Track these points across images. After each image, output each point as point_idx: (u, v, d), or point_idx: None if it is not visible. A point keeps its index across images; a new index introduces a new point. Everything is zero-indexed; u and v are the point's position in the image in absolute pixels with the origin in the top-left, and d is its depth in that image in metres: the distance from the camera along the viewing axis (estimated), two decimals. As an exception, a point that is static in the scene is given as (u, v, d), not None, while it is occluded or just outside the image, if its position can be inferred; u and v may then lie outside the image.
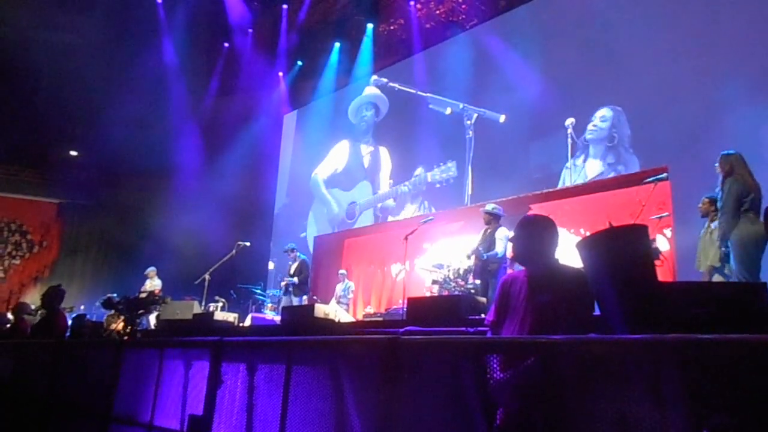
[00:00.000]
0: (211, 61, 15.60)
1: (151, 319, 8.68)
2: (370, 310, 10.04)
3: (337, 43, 14.05)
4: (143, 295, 7.17)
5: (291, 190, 15.06)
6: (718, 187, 5.28)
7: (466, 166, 10.38)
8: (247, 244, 10.03)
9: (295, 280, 9.37)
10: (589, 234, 2.41)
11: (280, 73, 15.34)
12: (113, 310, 6.02)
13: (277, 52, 14.87)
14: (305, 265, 9.78)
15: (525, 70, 9.65)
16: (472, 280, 6.73)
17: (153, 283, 10.66)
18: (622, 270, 2.13)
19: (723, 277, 5.28)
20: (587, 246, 2.29)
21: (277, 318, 8.73)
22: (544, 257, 2.60)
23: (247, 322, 8.81)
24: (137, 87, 13.85)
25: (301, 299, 9.41)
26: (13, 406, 4.72)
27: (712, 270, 5.39)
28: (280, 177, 15.41)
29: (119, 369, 3.81)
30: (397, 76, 12.56)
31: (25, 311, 7.32)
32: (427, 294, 7.29)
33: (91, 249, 16.76)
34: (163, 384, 3.44)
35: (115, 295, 6.54)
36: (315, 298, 10.27)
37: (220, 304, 9.86)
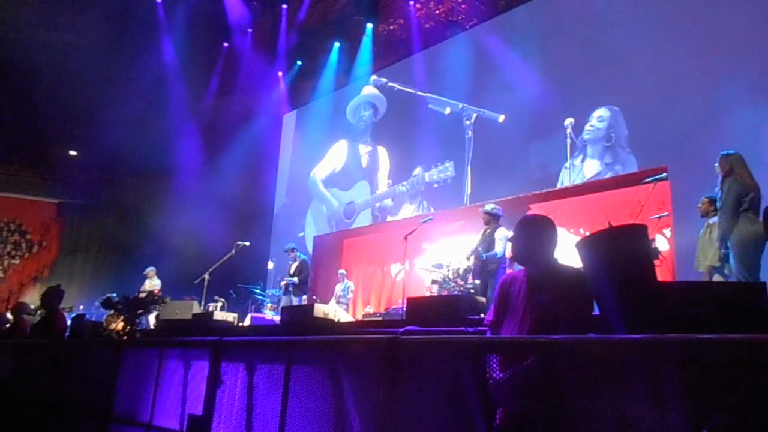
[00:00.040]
0: (211, 61, 15.59)
1: (151, 319, 8.67)
2: (370, 309, 10.04)
3: (337, 43, 14.05)
4: (142, 295, 7.17)
5: (290, 189, 15.06)
6: (717, 186, 5.29)
7: (466, 166, 10.37)
8: (247, 243, 10.02)
9: (295, 279, 9.38)
10: (588, 234, 2.41)
11: (280, 72, 15.34)
12: (113, 310, 6.02)
13: (276, 51, 14.86)
14: (305, 265, 9.79)
15: (524, 70, 9.65)
16: (471, 280, 6.73)
17: (152, 283, 10.65)
18: (622, 270, 2.13)
19: (723, 277, 5.29)
20: (587, 246, 2.29)
21: (277, 318, 8.72)
22: (543, 257, 2.60)
23: (246, 321, 8.81)
24: (137, 87, 13.84)
25: (301, 299, 9.41)
26: (13, 406, 4.72)
27: (711, 270, 5.40)
28: (280, 177, 15.41)
29: (119, 369, 3.81)
30: (397, 76, 12.55)
31: (24, 311, 7.32)
32: (427, 294, 7.28)
33: (90, 249, 16.76)
34: (162, 384, 3.44)
35: (114, 295, 6.54)
36: (314, 297, 10.27)
37: (220, 304, 9.85)
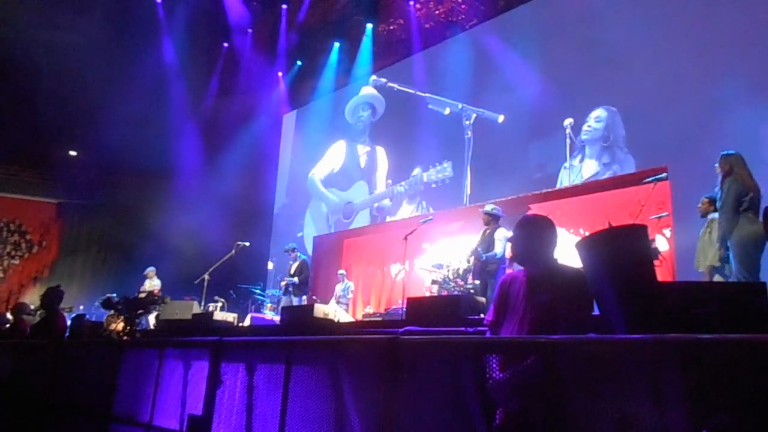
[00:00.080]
0: (211, 61, 15.59)
1: (151, 319, 8.67)
2: (370, 310, 10.03)
3: (337, 43, 14.05)
4: (142, 295, 7.17)
5: (290, 189, 15.06)
6: (717, 186, 5.29)
7: (465, 167, 10.37)
8: (247, 244, 10.02)
9: (296, 280, 9.38)
10: (588, 234, 2.41)
11: (280, 73, 15.34)
12: (113, 311, 6.02)
13: (276, 52, 14.86)
14: (306, 265, 9.79)
15: (524, 70, 9.65)
16: (471, 280, 6.73)
17: (152, 283, 10.65)
18: (622, 270, 2.13)
19: (723, 277, 5.29)
20: (587, 246, 2.29)
21: (277, 318, 8.72)
22: (543, 257, 2.60)
23: (246, 322, 8.80)
24: (137, 87, 13.84)
25: (301, 299, 9.41)
26: (13, 406, 4.72)
27: (712, 270, 5.39)
28: (280, 177, 15.42)
29: (119, 369, 3.81)
30: (397, 76, 12.55)
31: (24, 311, 7.32)
32: (427, 294, 7.28)
33: (90, 249, 16.76)
34: (162, 384, 3.44)
35: (114, 295, 6.55)
36: (314, 298, 10.27)
37: (220, 304, 9.85)
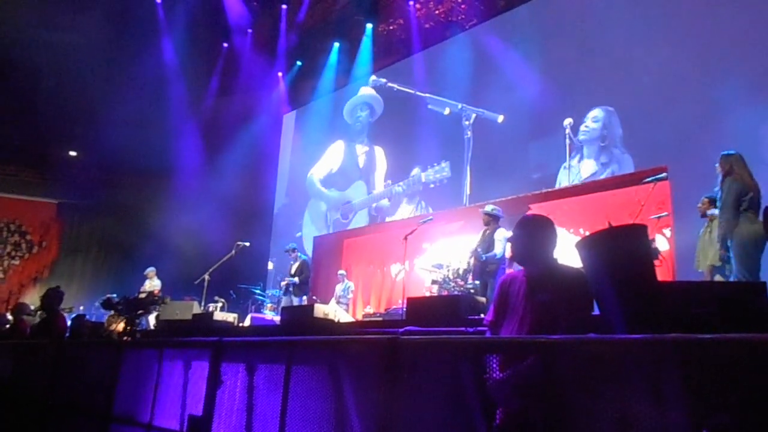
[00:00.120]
0: (211, 61, 15.59)
1: (151, 319, 8.66)
2: (370, 310, 10.03)
3: (337, 43, 14.05)
4: (142, 296, 7.16)
5: (290, 190, 15.06)
6: (717, 186, 5.28)
7: (465, 167, 10.36)
8: (247, 244, 10.03)
9: (296, 280, 9.38)
10: (588, 234, 2.41)
11: (280, 73, 15.34)
12: (113, 311, 6.01)
13: (276, 52, 14.86)
14: (306, 265, 9.79)
15: (524, 70, 9.64)
16: (471, 280, 6.73)
17: (152, 284, 10.65)
18: (622, 270, 2.13)
19: (723, 277, 5.28)
20: (587, 246, 2.29)
21: (277, 318, 8.72)
22: (542, 257, 2.60)
23: (246, 322, 8.80)
24: (137, 87, 13.85)
25: (302, 299, 9.41)
26: (13, 406, 4.72)
27: (712, 269, 5.38)
28: (280, 177, 15.41)
29: (119, 369, 3.81)
30: (397, 76, 12.55)
31: (24, 312, 7.32)
32: (427, 294, 7.27)
33: (90, 249, 16.76)
34: (162, 384, 3.44)
35: (114, 295, 6.55)
36: (314, 298, 10.27)
37: (220, 305, 9.85)
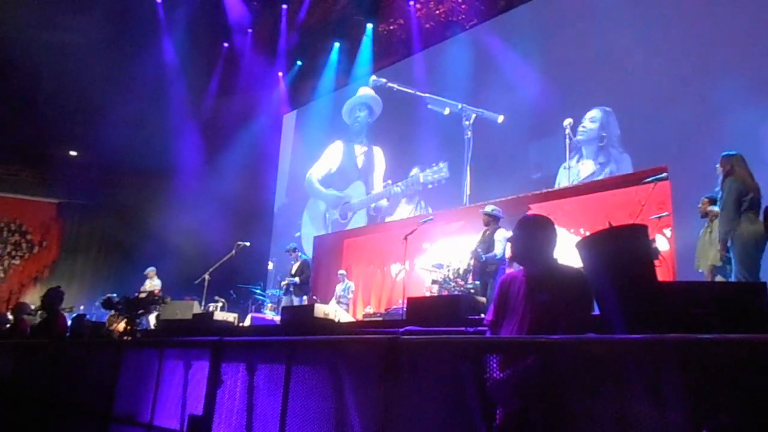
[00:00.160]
0: (211, 61, 15.59)
1: (151, 319, 8.67)
2: (370, 310, 10.03)
3: (337, 43, 14.05)
4: (143, 295, 7.16)
5: (290, 190, 15.06)
6: (717, 186, 5.28)
7: (465, 167, 10.36)
8: (247, 244, 10.03)
9: (297, 280, 9.37)
10: (588, 234, 2.41)
11: (280, 73, 15.34)
12: (113, 310, 6.02)
13: (276, 51, 14.87)
14: (307, 265, 9.79)
15: (524, 70, 9.64)
16: (471, 280, 6.73)
17: (153, 283, 10.65)
18: (622, 270, 2.13)
19: (724, 277, 5.28)
20: (587, 246, 2.29)
21: (277, 318, 8.72)
22: (542, 257, 2.60)
23: (246, 322, 8.80)
24: (137, 87, 13.85)
25: (302, 299, 9.41)
26: (14, 406, 4.72)
27: (713, 270, 5.38)
28: (280, 177, 15.41)
29: (119, 369, 3.81)
30: (397, 76, 12.55)
31: (24, 311, 7.33)
32: (427, 294, 7.27)
33: (90, 249, 16.75)
34: (162, 384, 3.44)
35: (114, 295, 6.54)
36: (315, 298, 10.27)
37: (220, 304, 9.85)
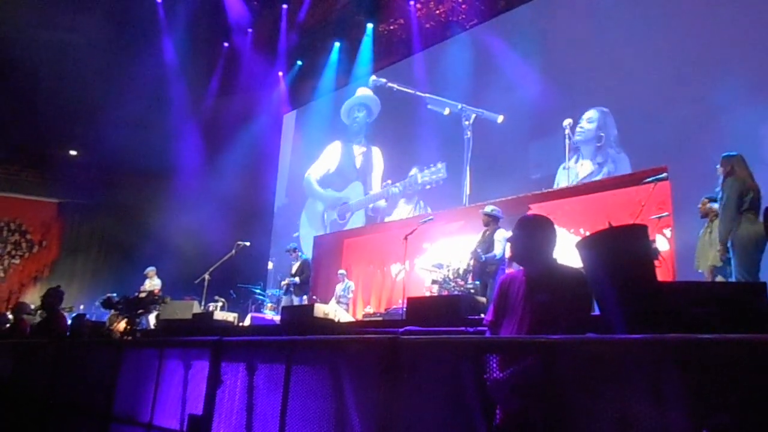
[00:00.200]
0: (211, 60, 15.60)
1: (151, 318, 8.66)
2: (370, 309, 10.03)
3: (337, 43, 14.05)
4: (143, 295, 7.16)
5: (290, 189, 15.05)
6: (718, 187, 5.28)
7: (464, 167, 10.36)
8: (247, 243, 10.02)
9: (297, 279, 9.37)
10: (588, 234, 2.41)
11: (280, 72, 15.34)
12: (113, 310, 6.01)
13: (277, 51, 14.86)
14: (307, 264, 9.79)
15: (524, 70, 9.64)
16: (471, 280, 6.73)
17: (152, 283, 10.65)
18: (622, 270, 2.13)
19: (725, 278, 5.27)
20: (587, 246, 2.29)
21: (277, 318, 8.72)
22: (542, 257, 2.59)
23: (246, 321, 8.80)
24: (137, 86, 13.84)
25: (302, 299, 9.41)
26: (13, 406, 4.72)
27: (713, 270, 5.38)
28: (280, 177, 15.40)
29: (119, 369, 3.81)
30: (397, 76, 12.55)
31: (24, 311, 7.33)
32: (427, 294, 7.28)
33: (90, 249, 16.76)
34: (162, 384, 3.44)
35: (114, 294, 6.53)
36: (315, 297, 10.27)
37: (220, 304, 9.84)
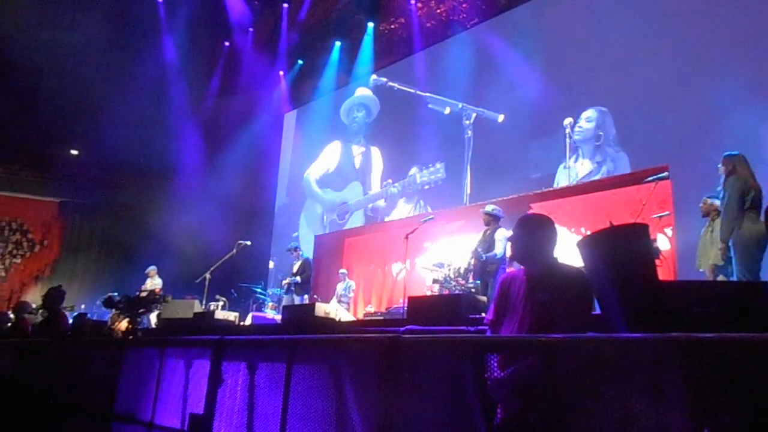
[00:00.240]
0: (212, 60, 15.60)
1: (152, 318, 8.68)
2: (371, 309, 10.03)
3: (338, 42, 14.05)
4: (144, 294, 7.17)
5: (291, 189, 15.06)
6: (719, 186, 5.27)
7: (465, 166, 10.37)
8: (248, 243, 10.03)
9: (298, 279, 9.38)
10: (589, 233, 2.41)
11: (281, 72, 15.34)
12: (114, 309, 6.02)
13: (277, 51, 14.87)
14: (308, 264, 9.80)
15: (525, 70, 9.64)
16: (472, 279, 6.73)
17: (154, 282, 10.66)
18: (623, 269, 2.13)
19: (726, 277, 5.27)
20: (588, 245, 2.29)
21: (278, 317, 8.73)
22: (543, 256, 2.59)
23: (247, 321, 8.81)
24: (138, 86, 13.86)
25: (303, 298, 9.41)
26: (15, 405, 4.73)
27: (715, 269, 5.37)
28: (281, 176, 15.41)
29: (120, 368, 3.81)
30: (398, 75, 12.55)
31: (26, 310, 7.34)
32: (428, 293, 7.27)
33: (91, 248, 16.78)
34: (164, 383, 3.45)
35: (115, 294, 6.54)
36: (315, 297, 10.27)
37: (221, 303, 9.85)
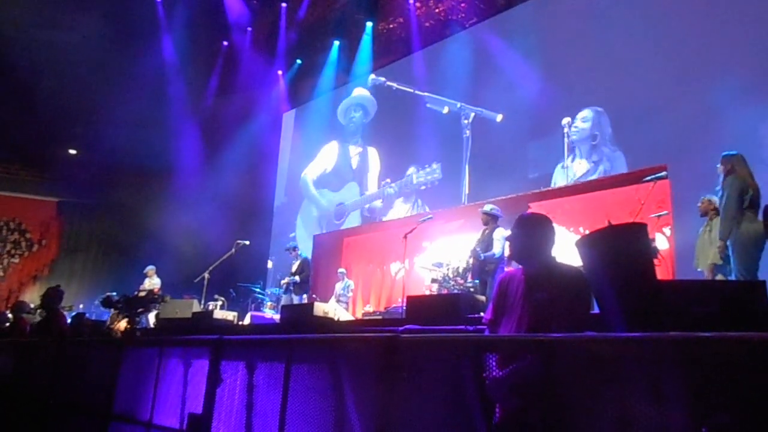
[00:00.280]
0: (211, 59, 15.57)
1: (151, 317, 8.67)
2: (370, 308, 10.03)
3: (337, 42, 14.04)
4: (142, 294, 7.17)
5: (289, 188, 15.05)
6: (718, 186, 5.28)
7: (463, 165, 10.37)
8: (247, 242, 10.01)
9: (297, 278, 9.37)
10: (588, 232, 2.41)
11: (280, 71, 15.32)
12: (113, 309, 6.02)
13: (276, 50, 14.85)
14: (307, 263, 9.79)
15: (523, 70, 9.64)
16: (471, 278, 6.73)
17: (152, 282, 10.65)
18: (622, 268, 2.13)
19: (725, 276, 5.28)
20: (586, 244, 2.29)
21: (277, 316, 8.72)
22: (541, 255, 2.59)
23: (246, 320, 8.80)
24: (136, 85, 13.82)
25: (302, 298, 9.41)
26: (14, 405, 4.73)
27: (714, 268, 5.38)
28: (279, 175, 15.40)
29: (119, 368, 3.81)
30: (396, 74, 12.54)
31: (24, 310, 7.33)
32: (427, 292, 7.27)
33: (90, 248, 16.77)
34: (162, 382, 3.45)
35: (114, 293, 6.55)
36: (314, 296, 10.26)
37: (220, 303, 9.84)
